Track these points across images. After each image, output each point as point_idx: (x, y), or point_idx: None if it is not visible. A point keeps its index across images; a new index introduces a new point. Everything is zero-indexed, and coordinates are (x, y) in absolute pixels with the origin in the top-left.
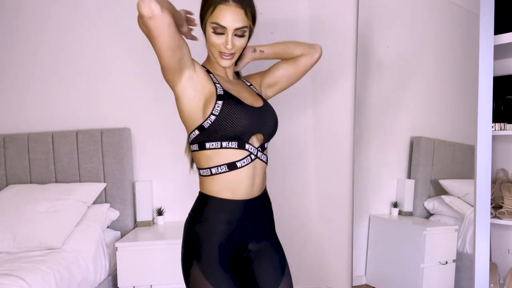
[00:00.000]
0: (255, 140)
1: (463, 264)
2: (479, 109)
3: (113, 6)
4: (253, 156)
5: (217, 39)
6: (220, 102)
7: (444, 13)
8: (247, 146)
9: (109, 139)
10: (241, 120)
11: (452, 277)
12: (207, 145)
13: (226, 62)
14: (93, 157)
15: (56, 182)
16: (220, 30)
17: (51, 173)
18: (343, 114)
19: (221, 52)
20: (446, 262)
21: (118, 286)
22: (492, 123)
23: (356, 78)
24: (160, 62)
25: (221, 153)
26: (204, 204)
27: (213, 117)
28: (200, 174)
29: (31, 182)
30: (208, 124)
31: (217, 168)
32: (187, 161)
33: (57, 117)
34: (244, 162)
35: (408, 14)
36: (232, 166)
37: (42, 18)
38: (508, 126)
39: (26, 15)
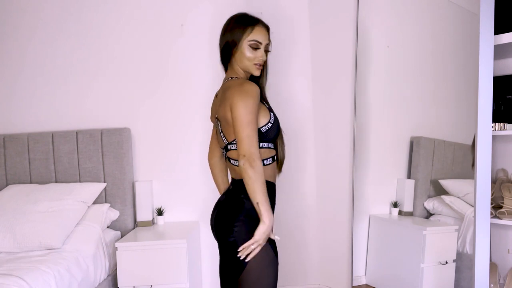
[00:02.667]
0: None
1: (463, 264)
2: (479, 109)
3: (113, 6)
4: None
5: (253, 54)
6: (272, 114)
7: (444, 13)
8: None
9: (109, 139)
10: (279, 128)
11: (452, 277)
12: (261, 144)
13: (259, 72)
14: (93, 157)
15: (56, 182)
16: (256, 45)
17: (51, 173)
18: (343, 114)
19: (256, 64)
20: (446, 262)
21: (118, 286)
22: (492, 123)
23: (356, 78)
24: None
25: (268, 151)
26: None
27: (270, 125)
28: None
29: (31, 182)
30: (266, 129)
31: (267, 160)
32: (187, 161)
33: (57, 117)
34: (274, 158)
35: (408, 14)
36: (274, 159)
37: (42, 18)
38: (508, 126)
39: (26, 15)
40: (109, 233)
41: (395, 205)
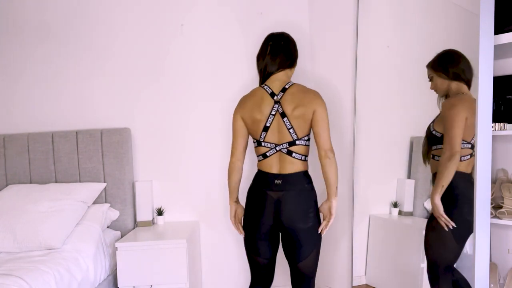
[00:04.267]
0: None
1: (463, 264)
2: (479, 109)
3: (113, 6)
4: None
5: None
6: None
7: (444, 13)
8: None
9: (109, 139)
10: None
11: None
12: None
13: None
14: (93, 157)
15: (56, 182)
16: None
17: (51, 173)
18: (343, 114)
19: None
20: None
21: (118, 286)
22: (492, 123)
23: (356, 78)
24: None
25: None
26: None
27: None
28: (303, 160)
29: (31, 182)
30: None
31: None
32: (186, 161)
33: (57, 117)
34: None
35: (408, 14)
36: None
37: (43, 18)
38: (508, 126)
39: (26, 15)
40: (109, 233)
41: (395, 205)
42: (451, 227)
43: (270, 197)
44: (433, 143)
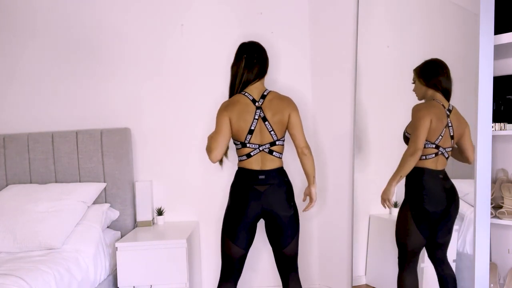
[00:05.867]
0: None
1: (463, 264)
2: (479, 109)
3: (113, 7)
4: None
5: None
6: None
7: (444, 13)
8: None
9: (109, 139)
10: None
11: None
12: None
13: None
14: (93, 157)
15: (56, 182)
16: None
17: (51, 173)
18: (343, 114)
19: None
20: None
21: (118, 286)
22: (492, 123)
23: (356, 78)
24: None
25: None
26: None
27: None
28: (280, 158)
29: (31, 182)
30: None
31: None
32: (186, 161)
33: (57, 117)
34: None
35: (408, 14)
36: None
37: (42, 18)
38: (508, 126)
39: (26, 15)
40: (109, 233)
41: (395, 205)
42: (387, 209)
43: (256, 190)
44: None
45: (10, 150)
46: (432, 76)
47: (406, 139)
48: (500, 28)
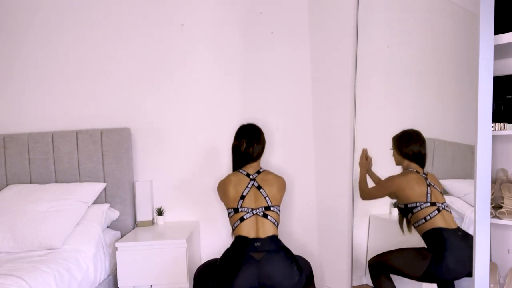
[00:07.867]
0: None
1: None
2: (479, 109)
3: (113, 7)
4: None
5: None
6: None
7: (444, 13)
8: None
9: (109, 139)
10: None
11: None
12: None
13: None
14: (93, 157)
15: (56, 182)
16: None
17: (51, 173)
18: (343, 114)
19: None
20: None
21: (118, 286)
22: (492, 123)
23: (356, 78)
24: None
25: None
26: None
27: None
28: (276, 225)
29: (31, 182)
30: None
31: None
32: (187, 161)
33: (57, 117)
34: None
35: (408, 13)
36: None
37: (42, 17)
38: (508, 126)
39: (26, 14)
40: (109, 233)
41: (395, 205)
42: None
43: (252, 258)
44: (405, 213)
45: (10, 150)
46: (406, 147)
47: (402, 209)
48: (500, 28)
